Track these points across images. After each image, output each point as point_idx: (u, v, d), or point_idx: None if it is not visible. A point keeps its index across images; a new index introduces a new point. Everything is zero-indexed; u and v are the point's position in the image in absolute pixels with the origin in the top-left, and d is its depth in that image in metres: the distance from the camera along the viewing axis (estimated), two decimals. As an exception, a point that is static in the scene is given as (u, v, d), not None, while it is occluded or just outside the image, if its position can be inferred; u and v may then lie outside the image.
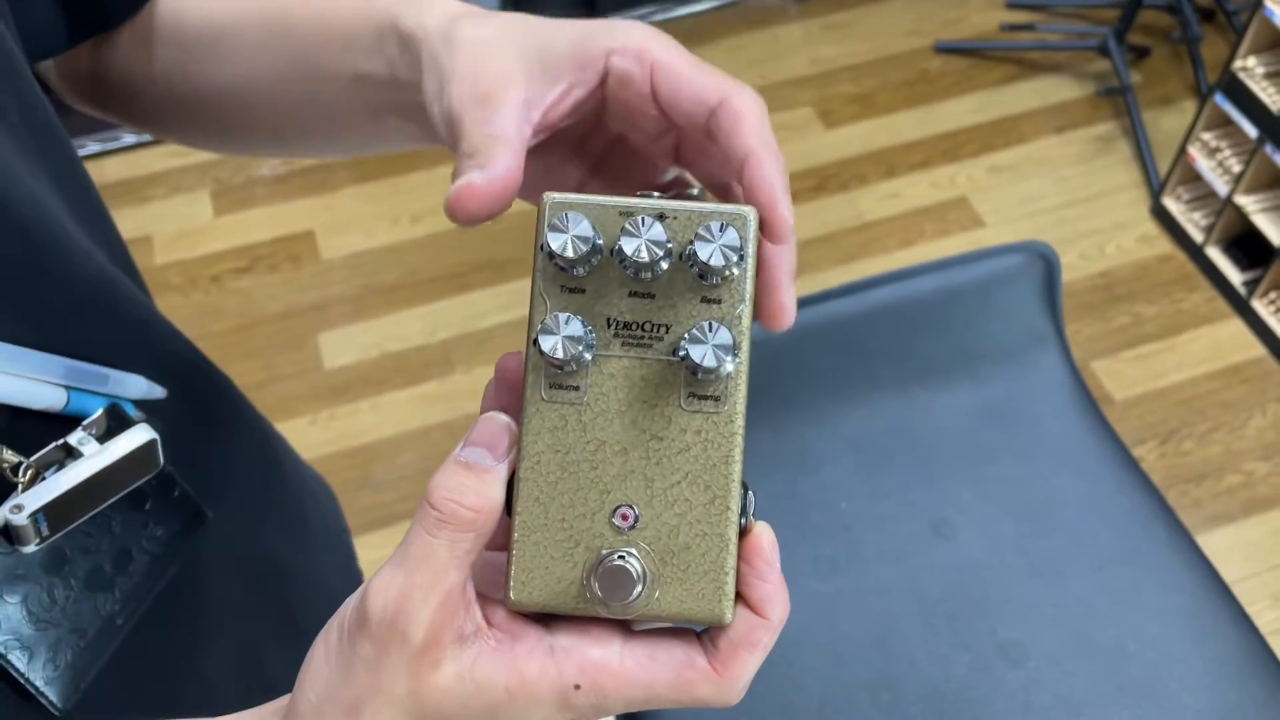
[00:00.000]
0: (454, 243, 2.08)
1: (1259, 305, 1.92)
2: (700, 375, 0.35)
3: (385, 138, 0.50)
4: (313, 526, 0.70)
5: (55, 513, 0.43)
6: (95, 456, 0.45)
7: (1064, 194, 2.14)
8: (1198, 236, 2.00)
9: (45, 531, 0.43)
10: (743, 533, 0.36)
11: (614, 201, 0.36)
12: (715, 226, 0.34)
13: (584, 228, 0.35)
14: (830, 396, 0.95)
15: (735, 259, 0.35)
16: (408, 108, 0.45)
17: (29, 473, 0.43)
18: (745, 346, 0.36)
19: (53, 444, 0.45)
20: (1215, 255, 1.98)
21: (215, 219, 2.13)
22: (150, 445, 0.47)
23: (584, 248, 0.34)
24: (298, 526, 0.68)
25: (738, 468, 0.36)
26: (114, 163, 2.19)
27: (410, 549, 0.35)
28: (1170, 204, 2.06)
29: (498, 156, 0.37)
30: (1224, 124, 1.93)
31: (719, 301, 0.36)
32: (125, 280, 0.51)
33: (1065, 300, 1.94)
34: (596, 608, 0.35)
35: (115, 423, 0.47)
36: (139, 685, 0.50)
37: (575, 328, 0.35)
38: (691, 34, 2.37)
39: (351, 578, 0.78)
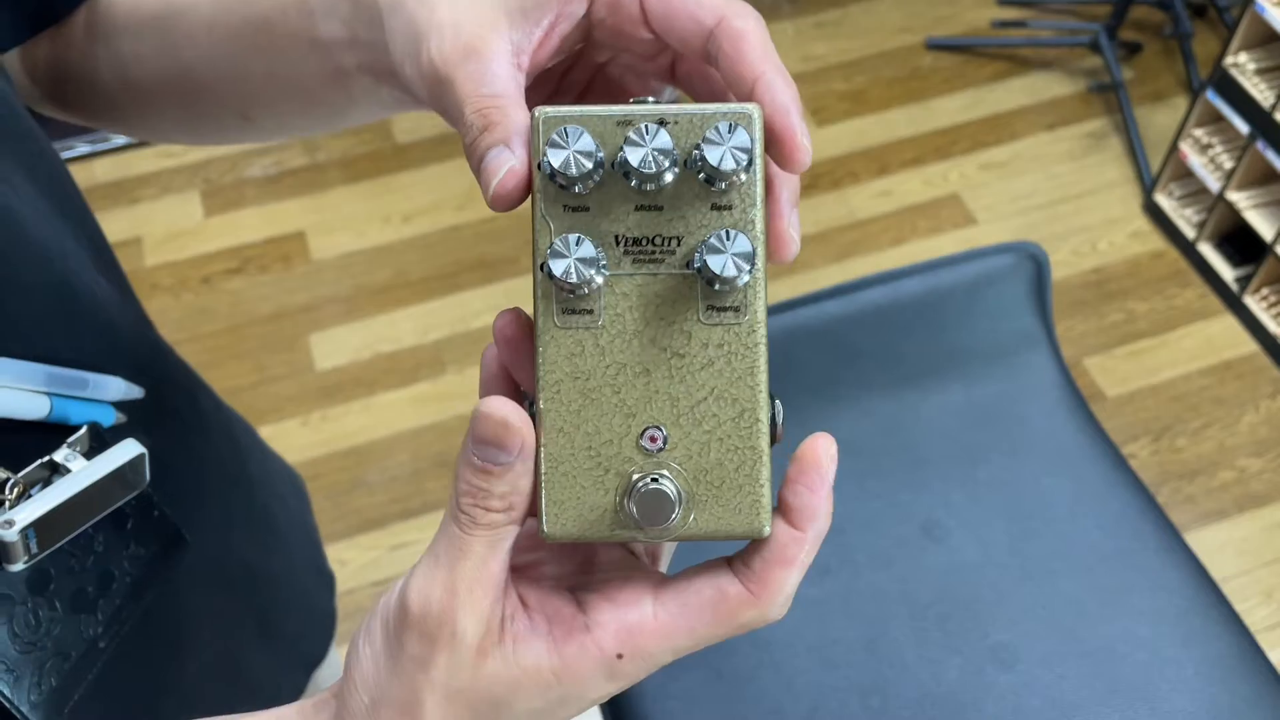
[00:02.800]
0: (445, 243, 2.08)
1: (1251, 301, 1.92)
2: (719, 286, 0.34)
3: (357, 105, 0.48)
4: (282, 530, 0.70)
5: (45, 529, 0.43)
6: (84, 472, 0.45)
7: (1056, 190, 2.14)
8: (1190, 233, 2.00)
9: (34, 548, 0.43)
10: (773, 441, 0.35)
11: (611, 111, 0.34)
12: (724, 128, 0.33)
13: (585, 141, 0.33)
14: (819, 398, 0.94)
15: (745, 161, 0.33)
16: (375, 69, 0.43)
17: (15, 490, 0.43)
18: (760, 253, 0.34)
19: (38, 461, 0.44)
20: (1207, 251, 1.98)
21: (205, 220, 2.13)
22: (138, 460, 0.47)
23: (588, 163, 0.33)
24: (269, 532, 0.68)
25: (764, 378, 0.35)
26: (104, 164, 2.18)
27: (449, 544, 0.34)
28: (1162, 200, 2.06)
29: (515, 121, 0.35)
30: (1216, 120, 1.93)
31: (730, 208, 0.34)
32: (93, 284, 0.50)
33: (1057, 297, 1.93)
34: (634, 533, 0.35)
35: (98, 440, 0.47)
36: (121, 705, 0.50)
37: (587, 249, 0.33)
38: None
39: (322, 575, 0.78)
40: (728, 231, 0.33)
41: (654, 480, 0.34)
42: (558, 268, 0.33)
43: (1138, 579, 0.89)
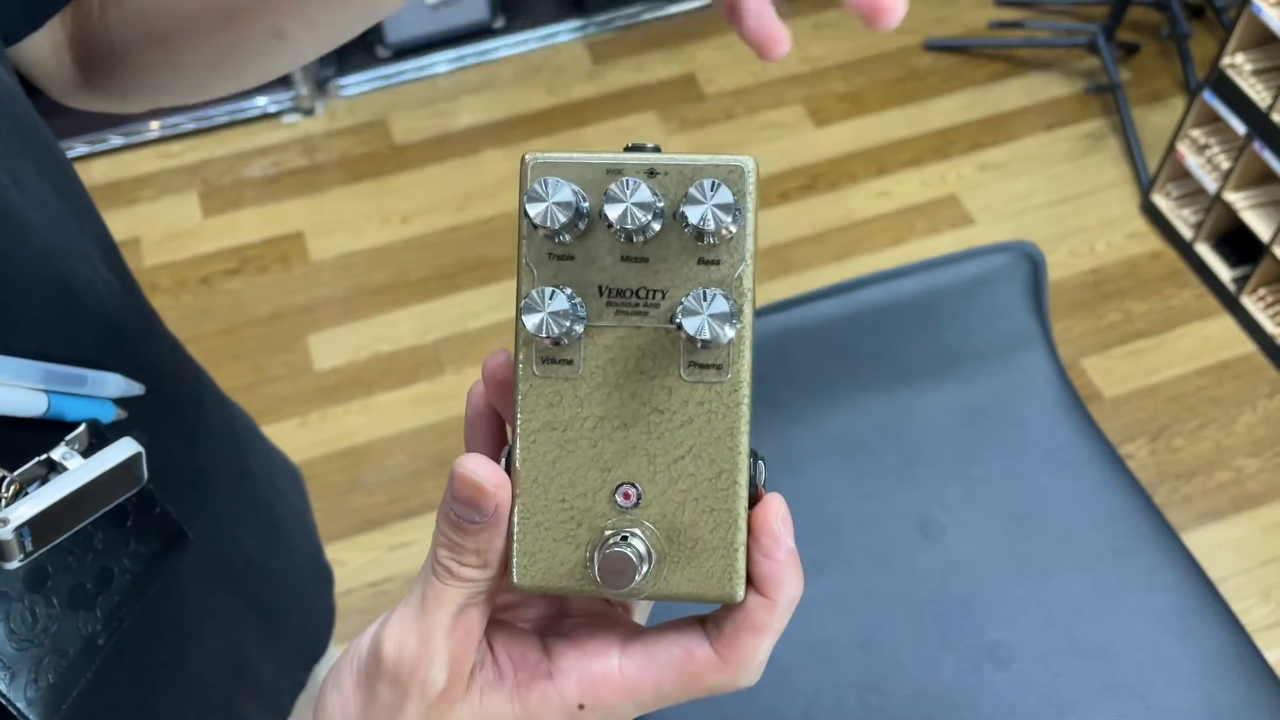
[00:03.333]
0: (444, 243, 2.08)
1: (1248, 301, 1.92)
2: (700, 344, 0.33)
3: None
4: (283, 525, 0.70)
5: (40, 527, 0.43)
6: (80, 470, 0.44)
7: (1054, 191, 2.15)
8: (1187, 233, 2.01)
9: (29, 547, 0.43)
10: (752, 503, 0.34)
11: (600, 159, 0.33)
12: (708, 185, 0.32)
13: (564, 193, 0.32)
14: (816, 397, 0.95)
15: (729, 219, 0.32)
16: None
17: (12, 487, 0.43)
18: (748, 310, 0.33)
19: (35, 459, 0.44)
20: (1205, 252, 1.99)
21: (204, 220, 2.13)
22: (135, 459, 0.47)
23: (565, 215, 0.32)
24: (270, 527, 0.68)
25: (745, 439, 0.34)
26: (102, 164, 2.18)
27: (426, 593, 0.34)
28: (1160, 201, 2.06)
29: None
30: (1213, 121, 1.93)
31: (718, 263, 0.33)
32: (96, 279, 0.50)
33: (1055, 297, 1.94)
34: (601, 589, 0.34)
35: (97, 438, 0.47)
36: (121, 703, 0.50)
37: (560, 302, 0.32)
38: (682, 32, 2.37)
39: (321, 569, 0.78)
40: (705, 291, 0.32)
41: (623, 538, 0.33)
42: (530, 322, 0.32)
43: (1134, 578, 0.89)
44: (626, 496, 0.34)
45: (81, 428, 0.46)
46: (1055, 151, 2.21)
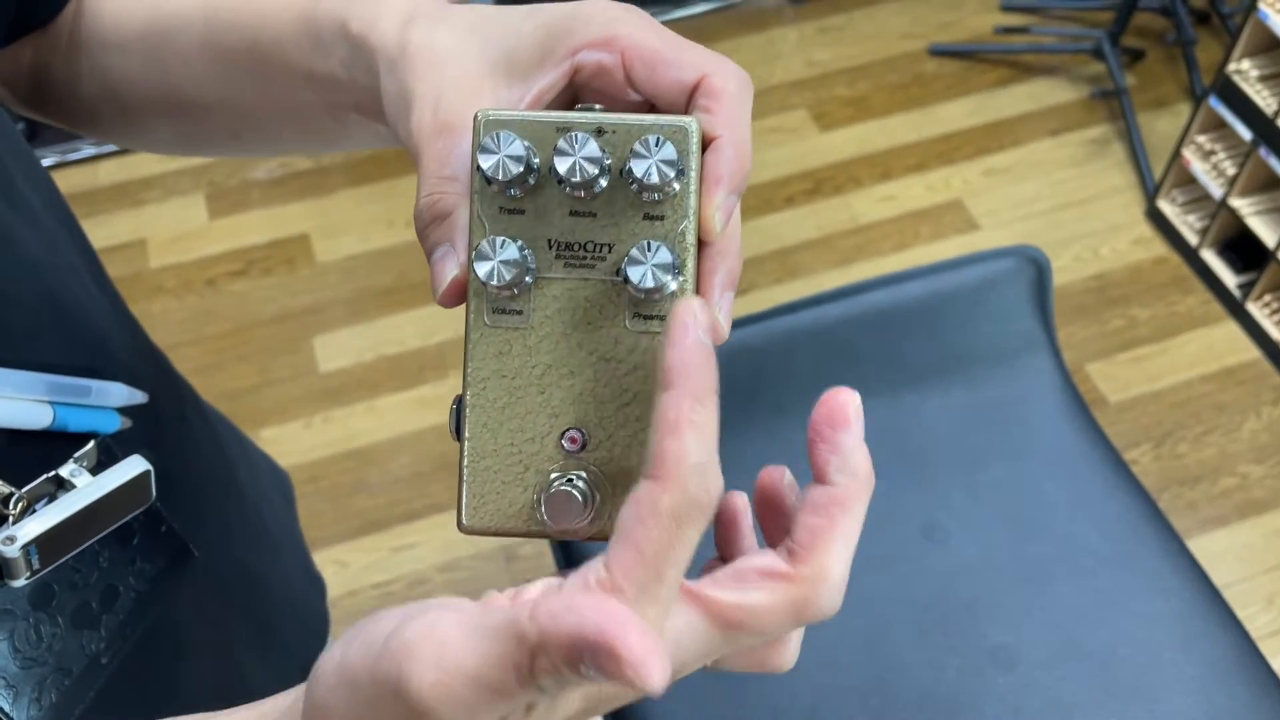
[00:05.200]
0: (449, 246, 2.08)
1: (1254, 308, 1.92)
2: (644, 295, 0.34)
3: (351, 137, 0.48)
4: (273, 535, 0.70)
5: (47, 546, 0.43)
6: (89, 488, 0.44)
7: (1059, 197, 2.15)
8: (1192, 239, 2.01)
9: (36, 565, 0.42)
10: None
11: (550, 117, 0.34)
12: (652, 140, 0.33)
13: (516, 147, 0.33)
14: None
15: (673, 174, 0.33)
16: (370, 111, 0.43)
17: (20, 505, 0.42)
18: (690, 264, 0.35)
19: (44, 476, 0.44)
20: (1210, 258, 1.98)
21: (210, 222, 2.13)
22: (144, 477, 0.46)
23: (517, 168, 0.33)
24: (263, 539, 0.67)
25: None
26: (108, 166, 2.19)
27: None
28: (1165, 207, 2.06)
29: (460, 218, 0.35)
30: (1218, 127, 1.93)
31: (662, 218, 0.34)
32: (83, 292, 0.50)
33: (1060, 303, 1.94)
34: (548, 529, 0.35)
35: (106, 455, 0.46)
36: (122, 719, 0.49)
37: (511, 251, 0.34)
38: (686, 36, 2.37)
39: (312, 577, 0.77)
40: (649, 243, 0.33)
41: (568, 481, 0.35)
42: (481, 269, 0.34)
43: (1138, 582, 0.89)
44: (573, 441, 0.35)
45: (90, 445, 0.46)
46: (1060, 157, 2.21)
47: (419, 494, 1.76)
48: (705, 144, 0.35)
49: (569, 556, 0.90)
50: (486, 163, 0.33)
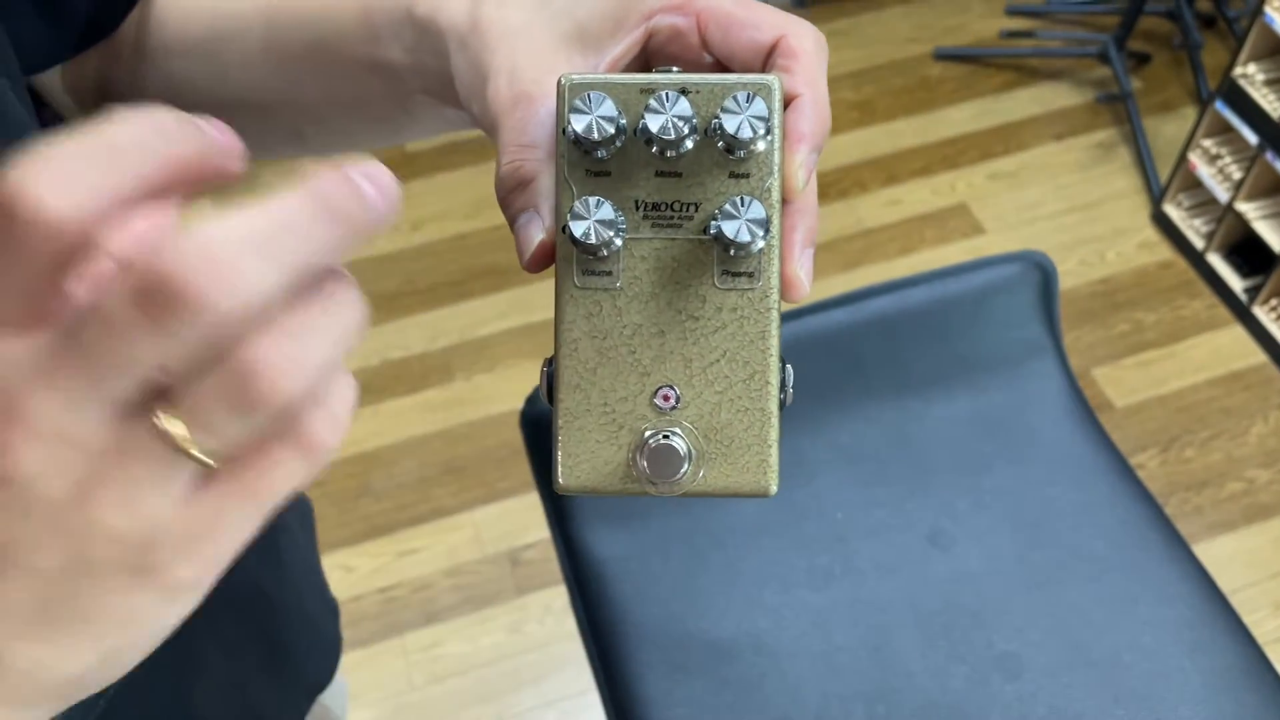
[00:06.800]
0: (454, 251, 2.09)
1: (1260, 312, 1.91)
2: (734, 252, 0.35)
3: (419, 122, 0.48)
4: (289, 556, 0.69)
5: None
6: None
7: (1064, 201, 2.14)
8: (1198, 243, 2.00)
9: None
10: (782, 405, 0.36)
11: (634, 79, 0.35)
12: (742, 97, 0.34)
13: (608, 107, 0.34)
14: (825, 406, 0.95)
15: (763, 130, 0.34)
16: (440, 94, 0.43)
17: None
18: (776, 220, 0.35)
19: None
20: (1216, 262, 1.98)
21: (215, 227, 2.14)
22: None
23: (609, 128, 0.34)
24: (276, 557, 0.67)
25: (775, 342, 0.36)
26: (115, 171, 2.19)
27: None
28: (1171, 211, 2.05)
29: (544, 183, 0.36)
30: (1224, 131, 1.93)
31: (747, 176, 0.35)
32: None
33: (1066, 307, 1.93)
34: (645, 486, 0.36)
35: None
36: None
37: (606, 211, 0.34)
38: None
39: (327, 600, 0.77)
40: (743, 198, 0.34)
41: (665, 437, 0.35)
42: (578, 229, 0.34)
43: (1144, 589, 0.89)
44: (666, 399, 0.36)
45: None
46: (1066, 161, 2.21)
47: (424, 499, 1.76)
48: (786, 103, 0.36)
49: (574, 561, 0.90)
50: (580, 123, 0.34)
